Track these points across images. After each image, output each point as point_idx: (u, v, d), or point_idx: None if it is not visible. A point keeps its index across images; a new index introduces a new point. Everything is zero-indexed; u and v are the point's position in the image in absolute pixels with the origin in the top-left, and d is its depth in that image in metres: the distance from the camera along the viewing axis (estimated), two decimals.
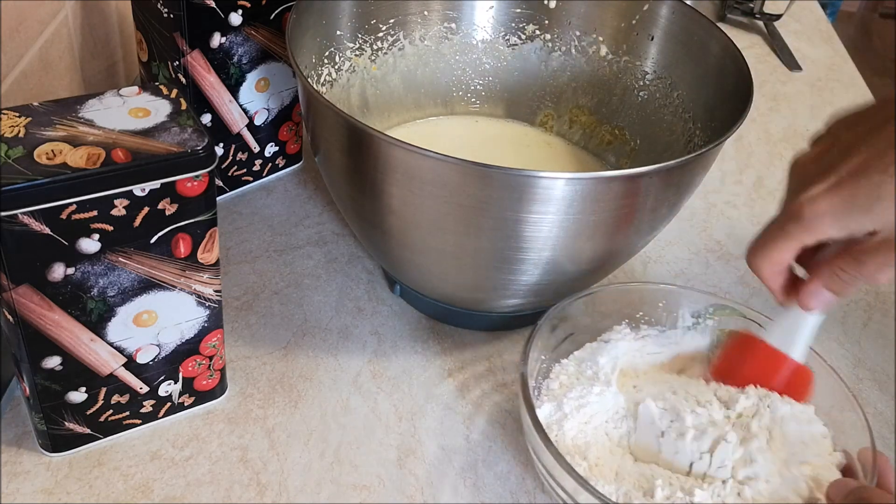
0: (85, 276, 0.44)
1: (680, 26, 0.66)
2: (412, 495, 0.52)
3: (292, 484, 0.52)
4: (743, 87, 0.57)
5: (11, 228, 0.41)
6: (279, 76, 0.69)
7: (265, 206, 0.72)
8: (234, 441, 0.54)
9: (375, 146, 0.50)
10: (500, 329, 0.64)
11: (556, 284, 0.56)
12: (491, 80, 0.74)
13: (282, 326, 0.62)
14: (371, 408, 0.57)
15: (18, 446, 0.52)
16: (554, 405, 0.51)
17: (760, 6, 1.11)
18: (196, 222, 0.46)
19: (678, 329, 0.58)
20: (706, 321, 0.57)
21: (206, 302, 0.50)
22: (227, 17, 0.63)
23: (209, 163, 0.44)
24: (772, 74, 1.02)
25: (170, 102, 0.46)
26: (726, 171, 0.84)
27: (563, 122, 0.74)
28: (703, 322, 0.57)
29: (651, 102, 0.69)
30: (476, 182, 0.48)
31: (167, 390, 0.52)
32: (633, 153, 0.70)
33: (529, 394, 0.49)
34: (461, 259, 0.54)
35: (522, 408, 0.49)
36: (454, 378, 0.60)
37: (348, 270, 0.67)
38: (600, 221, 0.51)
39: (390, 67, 0.71)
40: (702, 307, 0.57)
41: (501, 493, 0.53)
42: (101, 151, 0.42)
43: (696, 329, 0.58)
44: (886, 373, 0.64)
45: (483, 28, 0.72)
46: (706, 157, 0.53)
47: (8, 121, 0.43)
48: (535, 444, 0.48)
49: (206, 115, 0.66)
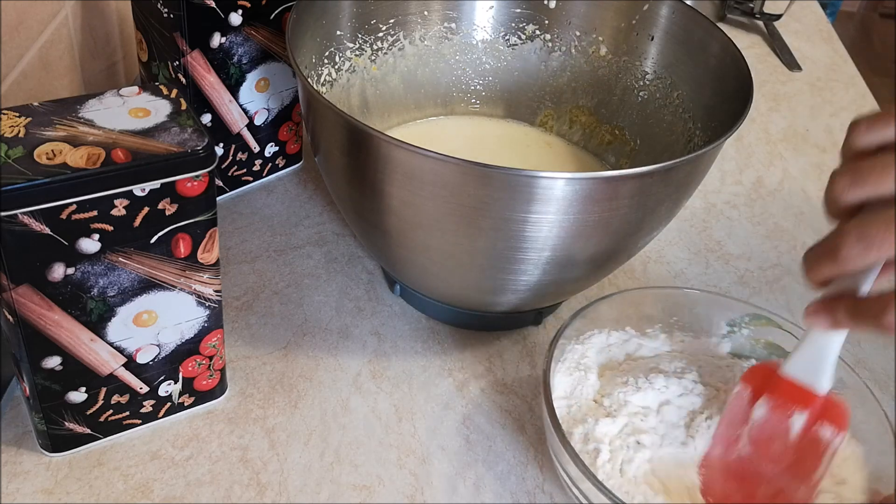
0: (85, 276, 0.44)
1: (680, 26, 0.66)
2: (412, 495, 0.52)
3: (292, 484, 0.52)
4: (743, 88, 0.57)
5: (11, 228, 0.41)
6: (279, 76, 0.69)
7: (265, 206, 0.72)
8: (234, 441, 0.54)
9: (375, 146, 0.50)
10: (500, 329, 0.64)
11: (556, 284, 0.56)
12: (491, 80, 0.74)
13: (282, 326, 0.62)
14: (371, 408, 0.57)
15: (18, 446, 0.52)
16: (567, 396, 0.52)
17: (760, 6, 1.11)
18: (196, 222, 0.46)
19: (713, 337, 0.58)
20: (741, 330, 0.57)
21: (206, 302, 0.50)
22: (227, 17, 0.63)
23: (209, 163, 0.44)
24: (772, 74, 1.02)
25: (170, 102, 0.46)
26: (726, 171, 0.84)
27: (563, 123, 0.74)
28: (738, 331, 0.57)
29: (651, 102, 0.69)
30: (476, 182, 0.48)
31: (167, 390, 0.52)
32: (633, 153, 0.70)
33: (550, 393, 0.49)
34: (461, 259, 0.54)
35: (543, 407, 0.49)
36: (454, 378, 0.60)
37: (348, 270, 0.67)
38: (600, 221, 0.51)
39: (390, 67, 0.71)
40: (737, 316, 0.57)
41: (501, 493, 0.53)
42: (101, 151, 0.42)
43: (731, 338, 0.57)
44: (886, 373, 0.64)
45: (483, 28, 0.72)
46: (706, 157, 0.53)
47: (8, 121, 0.43)
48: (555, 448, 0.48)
49: (206, 115, 0.66)
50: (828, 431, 0.47)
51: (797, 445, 0.48)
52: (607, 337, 0.56)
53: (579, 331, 0.54)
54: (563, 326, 0.53)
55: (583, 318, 0.54)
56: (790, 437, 0.47)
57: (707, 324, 0.58)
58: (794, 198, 0.81)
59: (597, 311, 0.55)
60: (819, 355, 0.47)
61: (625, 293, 0.57)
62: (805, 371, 0.48)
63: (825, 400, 0.48)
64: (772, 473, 0.48)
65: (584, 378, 0.53)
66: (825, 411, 0.47)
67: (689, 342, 0.57)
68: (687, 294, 0.58)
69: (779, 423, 0.48)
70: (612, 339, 0.56)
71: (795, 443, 0.48)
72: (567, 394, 0.52)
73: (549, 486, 0.53)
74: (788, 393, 0.48)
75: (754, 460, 0.48)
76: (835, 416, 0.47)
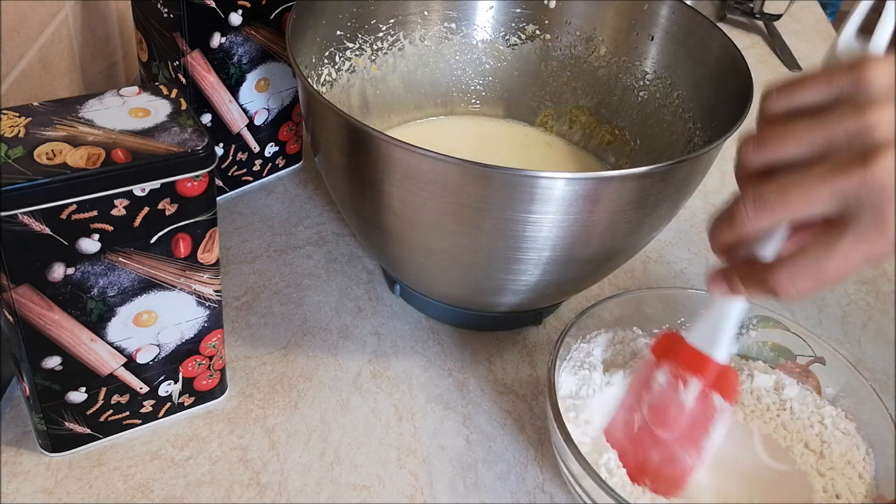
0: (85, 276, 0.44)
1: (680, 26, 0.66)
2: (412, 495, 0.52)
3: (292, 484, 0.52)
4: (743, 87, 0.57)
5: (11, 228, 0.41)
6: (279, 76, 0.69)
7: (265, 206, 0.72)
8: (234, 441, 0.54)
9: (375, 146, 0.50)
10: (500, 329, 0.64)
11: (556, 284, 0.56)
12: (491, 80, 0.74)
13: (282, 326, 0.62)
14: (371, 408, 0.57)
15: (18, 446, 0.52)
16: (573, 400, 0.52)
17: (760, 6, 1.11)
18: (196, 222, 0.46)
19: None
20: (749, 332, 0.57)
21: (206, 302, 0.50)
22: (227, 17, 0.63)
23: (209, 163, 0.44)
24: (772, 74, 1.02)
25: (170, 102, 0.46)
26: (726, 171, 0.84)
27: (563, 122, 0.74)
28: (745, 332, 0.57)
29: (651, 102, 0.69)
30: (476, 182, 0.48)
31: (167, 390, 0.52)
32: (633, 153, 0.70)
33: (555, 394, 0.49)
34: (461, 259, 0.54)
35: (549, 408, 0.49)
36: (454, 378, 0.60)
37: (348, 270, 0.67)
38: (600, 221, 0.51)
39: (390, 67, 0.71)
40: (745, 317, 0.57)
41: (501, 493, 0.53)
42: (101, 151, 0.42)
43: (738, 339, 0.57)
44: (886, 373, 0.64)
45: (483, 28, 0.72)
46: (706, 157, 0.53)
47: (8, 121, 0.43)
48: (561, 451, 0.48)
49: (206, 115, 0.66)
50: (718, 400, 0.48)
51: (690, 413, 0.48)
52: (613, 336, 0.56)
53: (585, 329, 0.54)
54: (570, 324, 0.53)
55: (589, 316, 0.54)
56: (685, 403, 0.48)
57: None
58: None
59: (603, 310, 0.55)
60: (718, 324, 0.47)
61: (631, 293, 0.57)
62: (705, 339, 0.48)
63: (720, 369, 0.48)
64: (666, 439, 0.49)
65: (588, 377, 0.53)
66: (719, 380, 0.48)
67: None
68: (693, 295, 0.58)
69: (675, 390, 0.49)
70: (617, 339, 0.56)
71: (689, 410, 0.48)
72: (572, 393, 0.52)
73: (550, 486, 0.53)
74: (687, 360, 0.49)
75: (652, 425, 0.49)
76: (726, 386, 0.48)
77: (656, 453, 0.49)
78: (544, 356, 0.62)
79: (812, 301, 0.70)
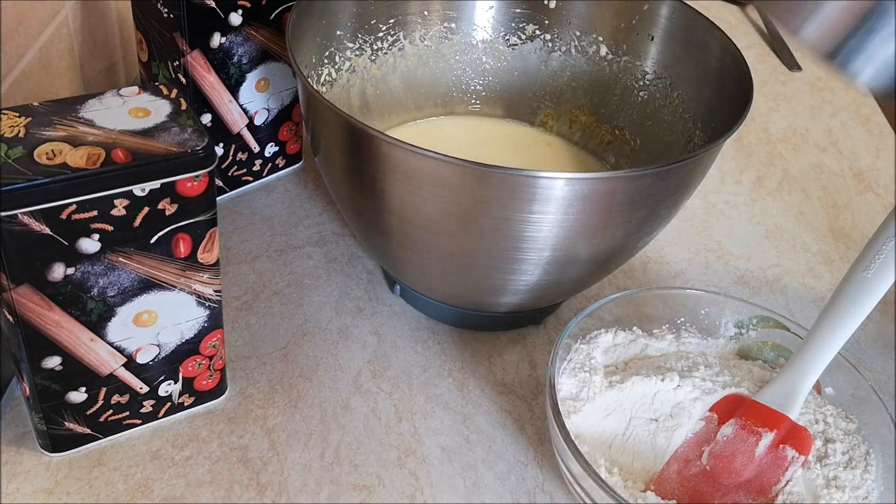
0: (85, 276, 0.44)
1: (680, 26, 0.66)
2: (412, 495, 0.52)
3: (292, 484, 0.52)
4: (743, 88, 0.57)
5: (11, 228, 0.41)
6: (279, 76, 0.69)
7: (265, 206, 0.72)
8: (234, 441, 0.54)
9: (375, 146, 0.50)
10: (500, 329, 0.64)
11: (556, 284, 0.56)
12: (491, 80, 0.74)
13: (282, 326, 0.62)
14: (371, 408, 0.57)
15: (18, 446, 0.52)
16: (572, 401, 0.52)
17: None
18: (196, 222, 0.46)
19: (720, 338, 0.58)
20: (749, 332, 0.57)
21: (206, 302, 0.50)
22: (227, 17, 0.63)
23: (209, 163, 0.44)
24: (772, 74, 1.03)
25: (170, 102, 0.46)
26: (726, 171, 0.84)
27: (562, 123, 0.74)
28: (745, 333, 0.57)
29: (651, 102, 0.69)
30: (476, 182, 0.48)
31: (167, 390, 0.52)
32: (633, 153, 0.70)
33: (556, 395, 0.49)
34: (461, 259, 0.54)
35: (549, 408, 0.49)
36: (454, 378, 0.60)
37: (348, 270, 0.67)
38: (600, 221, 0.51)
39: (390, 67, 0.71)
40: (745, 317, 0.57)
41: (501, 493, 0.53)
42: (101, 151, 0.42)
43: (739, 339, 0.58)
44: (886, 373, 0.64)
45: (483, 28, 0.72)
46: (706, 157, 0.53)
47: (8, 121, 0.43)
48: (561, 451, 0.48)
49: (206, 115, 0.66)
50: (791, 452, 0.49)
51: (760, 461, 0.49)
52: (613, 337, 0.56)
53: (585, 330, 0.54)
54: (570, 325, 0.53)
55: (589, 317, 0.54)
56: (755, 452, 0.49)
57: (714, 325, 0.58)
58: (794, 198, 0.81)
59: (603, 310, 0.55)
60: (794, 386, 0.50)
61: (631, 293, 0.57)
62: (778, 399, 0.51)
63: (793, 425, 0.50)
64: (730, 485, 0.49)
65: (589, 379, 0.53)
66: (791, 435, 0.50)
67: (695, 343, 0.57)
68: (693, 295, 0.58)
69: (745, 440, 0.50)
70: (618, 339, 0.56)
71: (759, 458, 0.49)
72: (573, 394, 0.52)
73: (549, 486, 0.53)
74: (759, 416, 0.50)
75: (714, 472, 0.50)
76: (799, 441, 0.50)
77: (719, 498, 0.49)
78: (544, 356, 0.62)
79: (812, 301, 0.70)
